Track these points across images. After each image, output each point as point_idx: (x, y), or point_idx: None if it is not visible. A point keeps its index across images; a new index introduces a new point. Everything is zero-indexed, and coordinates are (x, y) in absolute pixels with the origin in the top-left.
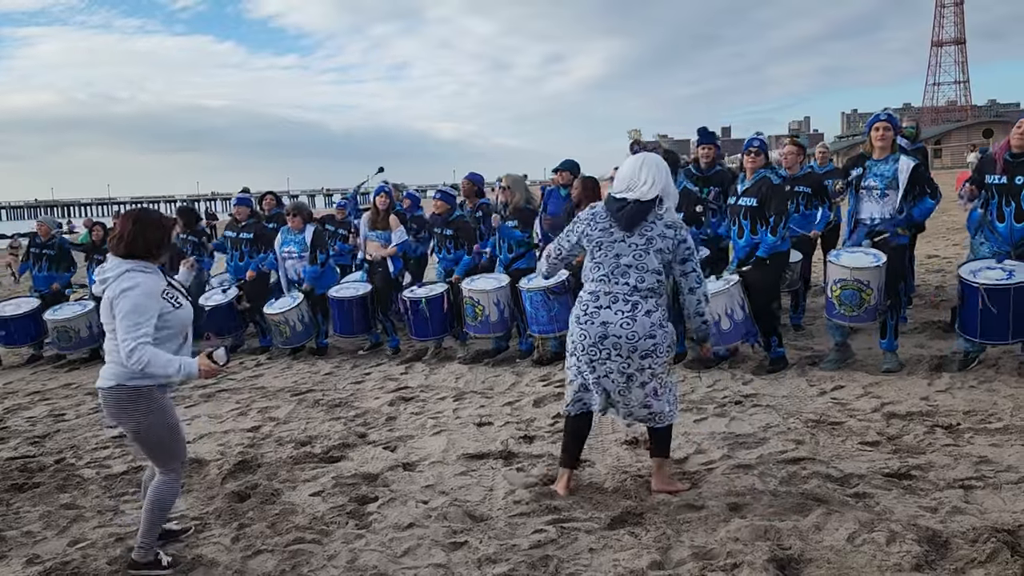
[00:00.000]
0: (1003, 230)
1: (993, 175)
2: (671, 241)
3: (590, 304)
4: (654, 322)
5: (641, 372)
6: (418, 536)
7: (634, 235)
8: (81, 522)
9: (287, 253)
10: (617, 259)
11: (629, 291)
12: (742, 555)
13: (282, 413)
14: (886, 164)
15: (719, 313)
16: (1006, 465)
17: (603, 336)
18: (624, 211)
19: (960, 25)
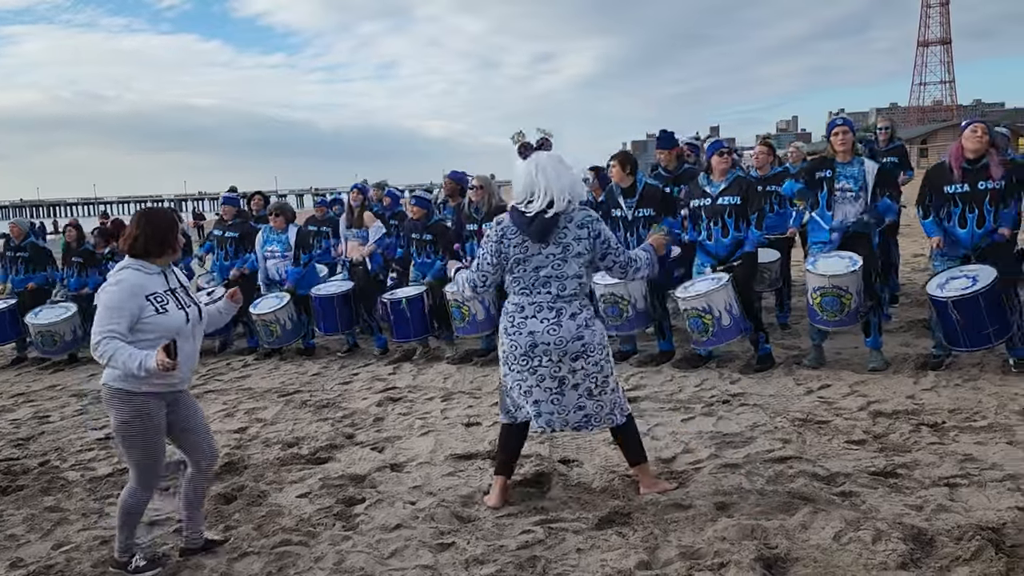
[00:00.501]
0: (964, 236)
1: (951, 184)
2: (587, 242)
3: (516, 315)
4: (580, 324)
5: (573, 374)
6: (405, 537)
7: (549, 245)
8: (65, 525)
9: (269, 252)
10: (536, 272)
11: (552, 299)
12: (729, 554)
13: (269, 414)
14: (853, 167)
15: (720, 309)
16: (991, 463)
17: (532, 345)
18: (533, 225)
19: (946, 25)
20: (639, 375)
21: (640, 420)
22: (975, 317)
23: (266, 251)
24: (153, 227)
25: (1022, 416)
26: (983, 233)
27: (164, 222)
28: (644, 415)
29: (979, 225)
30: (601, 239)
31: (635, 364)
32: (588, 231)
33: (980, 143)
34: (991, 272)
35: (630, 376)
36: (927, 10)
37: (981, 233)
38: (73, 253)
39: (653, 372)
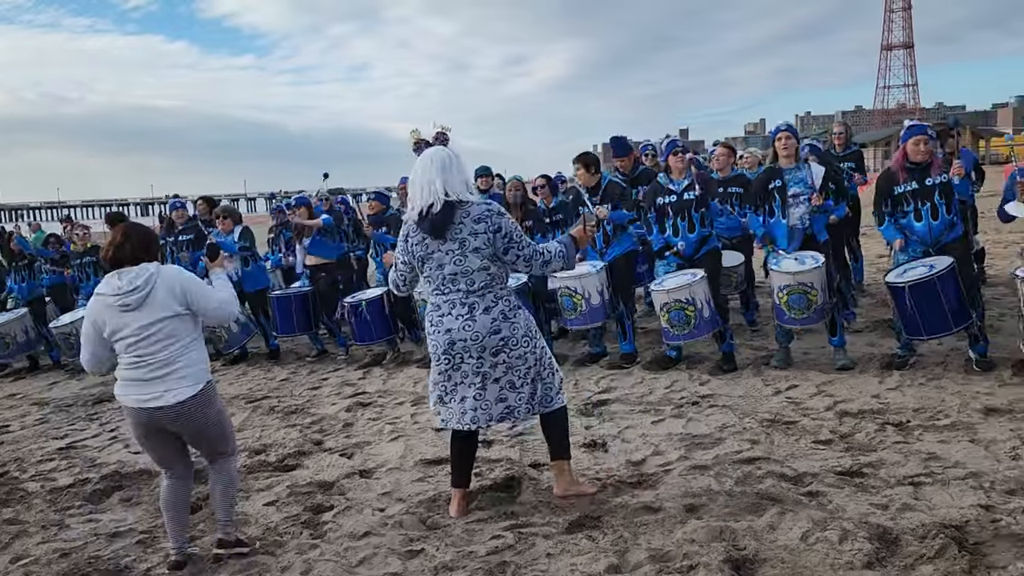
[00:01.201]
0: (922, 230)
1: (900, 185)
2: (485, 236)
3: (433, 314)
4: (495, 317)
5: (494, 368)
6: (374, 545)
7: (447, 241)
8: (24, 538)
9: None
10: (441, 269)
11: (463, 295)
12: (698, 556)
13: (236, 421)
14: (800, 171)
15: (702, 301)
16: (954, 461)
17: (451, 343)
18: (426, 221)
19: (908, 29)
20: (609, 378)
21: (611, 423)
22: (932, 302)
23: None
24: (145, 239)
25: (984, 414)
26: (940, 225)
27: (151, 233)
28: (615, 417)
29: (934, 217)
30: (502, 233)
31: (605, 367)
32: (486, 225)
33: (923, 156)
34: (947, 259)
35: (600, 379)
36: (890, 14)
37: (938, 225)
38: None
39: (623, 375)
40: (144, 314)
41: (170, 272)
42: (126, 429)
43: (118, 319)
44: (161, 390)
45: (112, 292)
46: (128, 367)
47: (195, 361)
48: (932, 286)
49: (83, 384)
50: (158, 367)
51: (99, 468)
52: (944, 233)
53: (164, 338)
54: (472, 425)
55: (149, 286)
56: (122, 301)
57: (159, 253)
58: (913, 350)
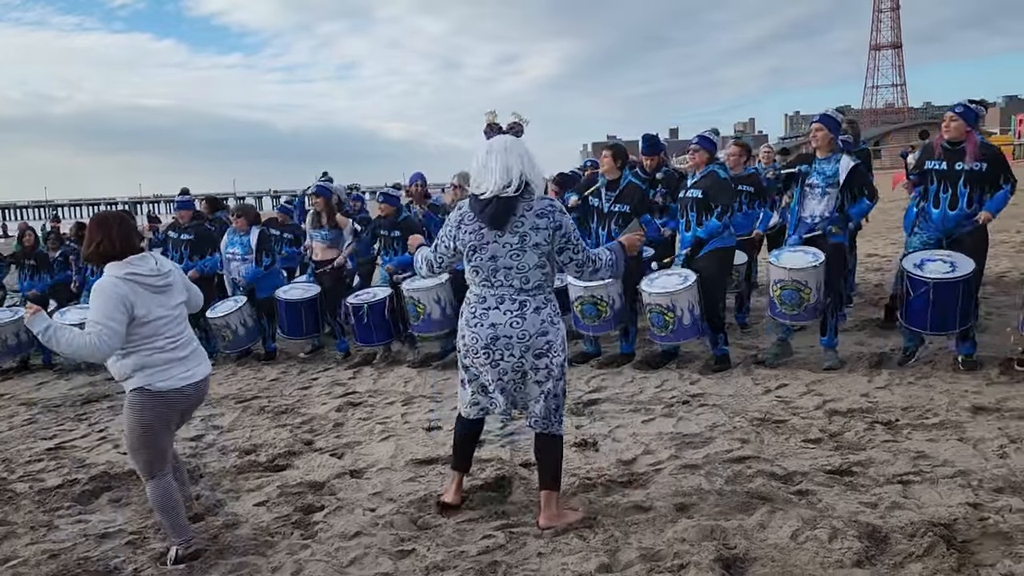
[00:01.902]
0: (936, 216)
1: (932, 160)
2: (546, 232)
3: (478, 307)
4: (544, 319)
5: (536, 371)
6: (365, 545)
7: (506, 233)
8: (12, 539)
9: (231, 255)
10: (494, 261)
11: (515, 291)
12: (689, 555)
13: (226, 421)
14: (828, 163)
15: (683, 309)
16: (942, 460)
17: (494, 337)
18: (487, 210)
19: (897, 29)
20: (600, 377)
21: (601, 422)
22: (949, 302)
23: (228, 253)
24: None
25: (972, 413)
26: (956, 216)
27: (124, 226)
28: (605, 417)
29: (951, 207)
30: (562, 231)
31: (596, 366)
32: (548, 221)
33: (951, 131)
34: (970, 263)
35: (591, 378)
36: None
37: (954, 216)
38: (27, 256)
39: (614, 374)
40: (169, 297)
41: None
42: (115, 429)
43: (150, 300)
44: (194, 365)
45: (149, 272)
46: (161, 350)
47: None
48: (955, 288)
49: (71, 384)
50: (186, 344)
51: (88, 469)
52: (960, 224)
53: (184, 319)
54: (508, 413)
55: (169, 270)
56: (161, 281)
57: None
58: (921, 341)
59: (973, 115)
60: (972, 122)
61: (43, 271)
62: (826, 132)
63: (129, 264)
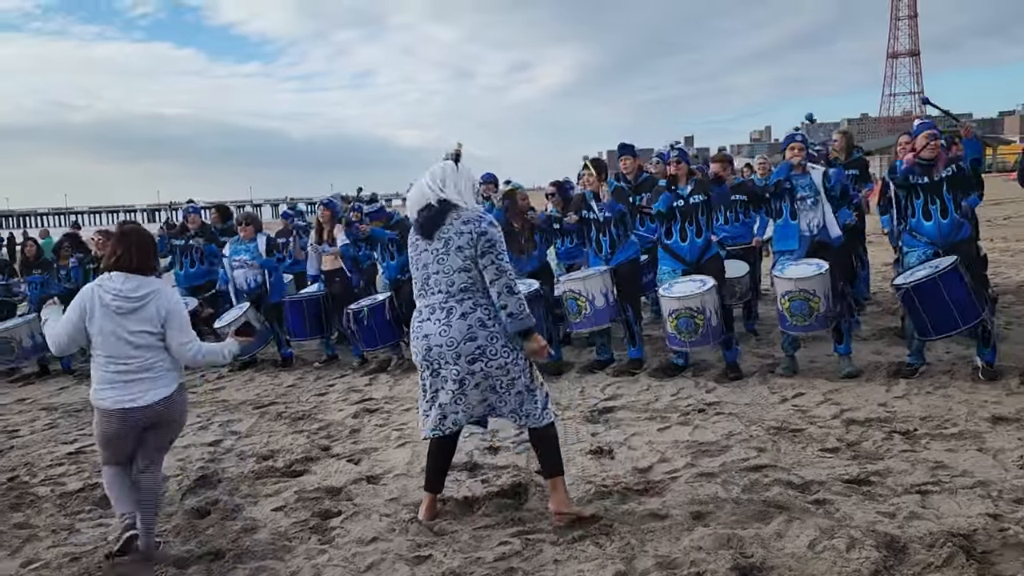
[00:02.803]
0: (931, 229)
1: (913, 175)
2: (468, 236)
3: (415, 320)
4: (471, 324)
5: (472, 376)
6: (382, 550)
7: (434, 241)
8: (35, 542)
9: (238, 262)
10: (426, 269)
11: (443, 298)
12: (705, 564)
13: (244, 427)
14: (804, 178)
15: (711, 310)
16: (961, 470)
17: (427, 348)
18: (420, 218)
19: (914, 37)
20: (615, 384)
21: (617, 430)
22: (937, 300)
23: (234, 261)
24: (144, 246)
25: (992, 423)
26: (949, 224)
27: (151, 240)
28: (621, 424)
29: (943, 215)
30: (486, 237)
31: (612, 373)
32: (473, 226)
33: (930, 150)
34: (950, 258)
35: (607, 386)
36: (896, 22)
37: (947, 224)
38: (32, 265)
39: (629, 382)
40: (131, 321)
41: (168, 297)
42: None
43: (105, 316)
44: (143, 390)
45: (112, 292)
46: (102, 367)
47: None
48: (935, 285)
49: (90, 389)
50: (140, 371)
51: None
52: (953, 232)
53: (145, 346)
54: (452, 428)
55: (144, 302)
56: (118, 304)
57: (158, 260)
58: (923, 358)
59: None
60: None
61: (51, 280)
62: (802, 148)
63: (109, 278)
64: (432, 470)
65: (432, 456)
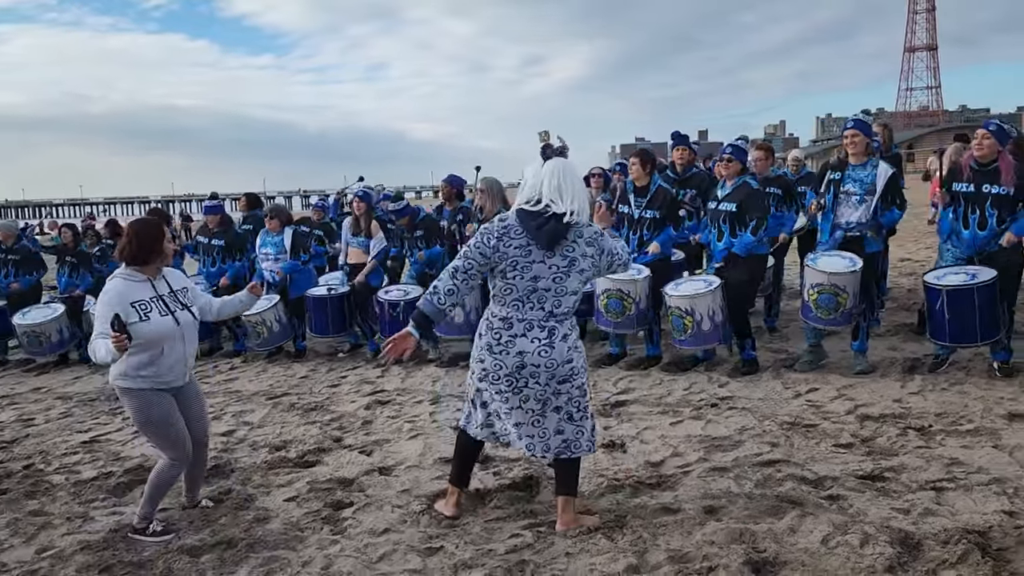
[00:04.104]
0: (967, 236)
1: (960, 183)
2: (593, 259)
3: (503, 332)
4: (571, 346)
5: (557, 396)
6: (394, 541)
7: (555, 255)
8: (49, 529)
9: (264, 255)
10: (534, 282)
11: (544, 316)
12: (717, 558)
13: (256, 417)
14: (864, 170)
15: (702, 314)
16: (976, 467)
17: (520, 366)
18: (545, 228)
19: (932, 31)
20: (628, 379)
21: (629, 424)
22: (966, 311)
23: (261, 253)
24: (139, 238)
25: (1008, 420)
26: (985, 236)
27: (149, 233)
28: (633, 419)
29: (981, 227)
30: (606, 252)
31: (624, 368)
32: (596, 248)
33: (982, 151)
34: (991, 272)
35: (619, 380)
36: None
37: (984, 236)
38: (68, 253)
39: (642, 376)
40: None
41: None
42: None
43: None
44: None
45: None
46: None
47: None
48: (970, 295)
49: (106, 379)
50: None
51: (122, 462)
52: (990, 243)
53: None
54: (527, 452)
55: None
56: None
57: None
58: (951, 351)
59: (1005, 135)
60: (1004, 142)
61: (83, 268)
62: (862, 137)
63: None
64: (462, 465)
65: (464, 452)
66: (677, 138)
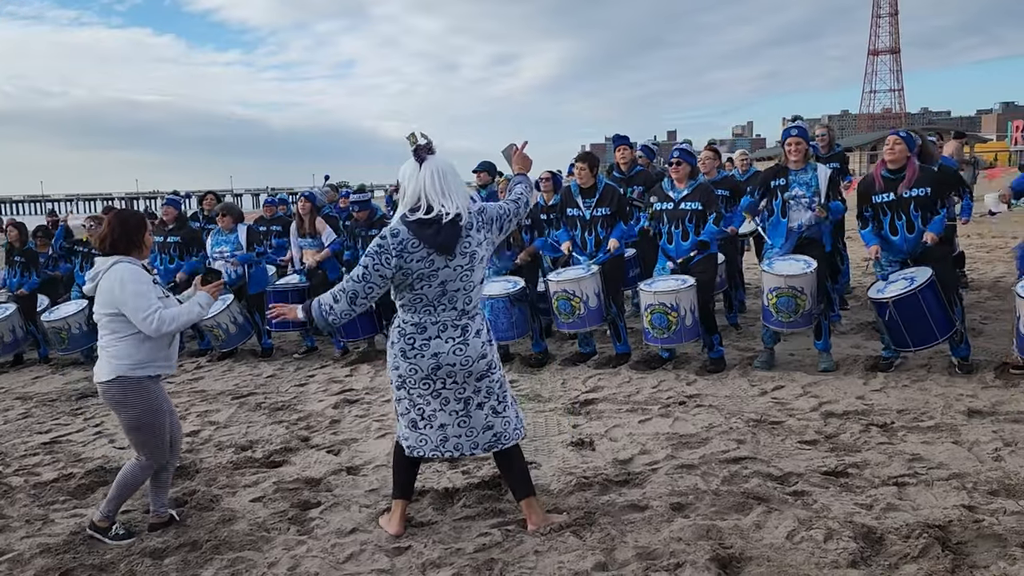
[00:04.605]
0: (899, 242)
1: (878, 194)
2: (489, 239)
3: (417, 337)
4: (484, 341)
5: (478, 393)
6: (361, 541)
7: (456, 256)
8: (8, 532)
9: (218, 253)
10: (443, 286)
11: (457, 315)
12: (685, 555)
13: (222, 417)
14: (806, 173)
15: (687, 309)
16: (937, 462)
17: (436, 367)
18: (441, 236)
19: (895, 35)
20: (597, 377)
21: (598, 422)
22: (916, 315)
23: (215, 252)
24: (125, 226)
25: (967, 416)
26: (915, 238)
27: (133, 222)
28: (602, 416)
29: (909, 231)
30: (496, 221)
31: (593, 366)
32: (487, 227)
33: (893, 155)
34: (927, 271)
35: (588, 378)
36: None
37: (913, 238)
38: (15, 252)
39: (611, 374)
40: (95, 303)
41: (115, 274)
42: (110, 424)
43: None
44: (96, 368)
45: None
46: None
47: (120, 354)
48: (915, 300)
49: (67, 379)
50: (100, 348)
51: (84, 463)
52: (921, 244)
53: (102, 328)
54: (455, 453)
55: (97, 280)
56: (87, 286)
57: (143, 242)
58: (898, 352)
59: (912, 141)
60: (912, 147)
61: (32, 268)
62: (804, 144)
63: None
64: (403, 478)
65: (404, 466)
66: (618, 139)
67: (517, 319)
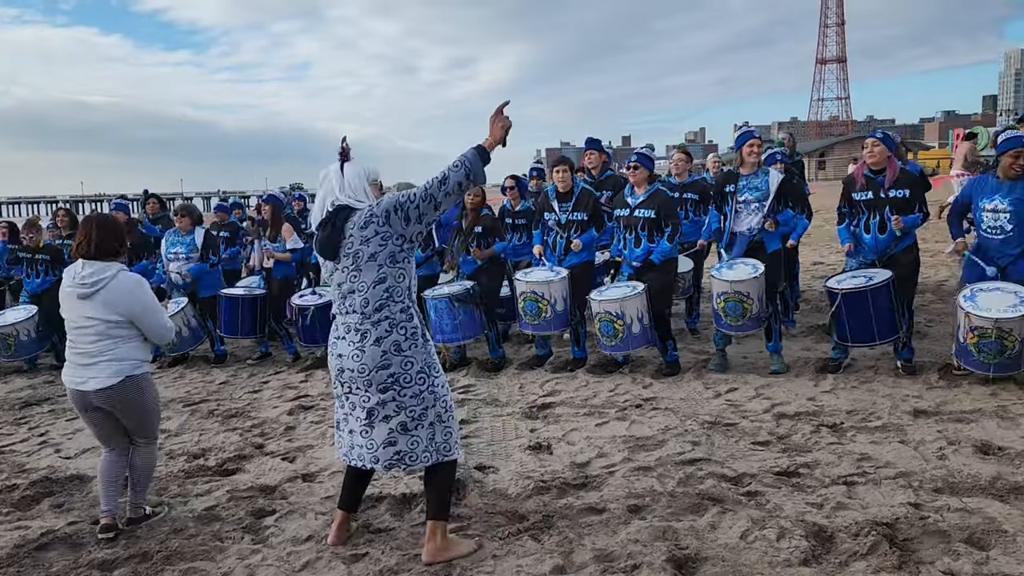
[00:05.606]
0: (869, 241)
1: (858, 192)
2: (380, 234)
3: (332, 335)
4: (386, 350)
5: (384, 407)
6: (317, 549)
7: (340, 259)
8: None
9: (174, 255)
10: (339, 288)
11: (359, 319)
12: (641, 556)
13: (174, 425)
14: (757, 178)
15: (632, 317)
16: (885, 461)
17: (340, 369)
18: (320, 243)
19: (842, 44)
20: (554, 381)
21: (555, 425)
22: (861, 312)
23: (170, 254)
24: (105, 230)
25: (913, 416)
26: (886, 239)
27: (114, 225)
28: (559, 420)
29: (881, 231)
30: (397, 214)
31: (550, 370)
32: (373, 223)
33: (874, 157)
34: (886, 273)
35: (545, 382)
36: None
37: (884, 239)
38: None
39: (568, 378)
40: (86, 307)
41: (126, 283)
42: (56, 433)
43: (70, 302)
44: (86, 376)
45: (70, 279)
46: (68, 348)
47: (123, 357)
48: (864, 298)
49: (10, 387)
50: (87, 355)
51: (28, 474)
52: (891, 246)
53: (96, 334)
54: (357, 463)
55: (101, 287)
56: (76, 290)
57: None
58: (846, 353)
59: (891, 141)
60: (891, 147)
61: None
62: (760, 148)
63: (73, 265)
64: (352, 486)
65: (348, 476)
66: (590, 143)
67: (463, 320)
